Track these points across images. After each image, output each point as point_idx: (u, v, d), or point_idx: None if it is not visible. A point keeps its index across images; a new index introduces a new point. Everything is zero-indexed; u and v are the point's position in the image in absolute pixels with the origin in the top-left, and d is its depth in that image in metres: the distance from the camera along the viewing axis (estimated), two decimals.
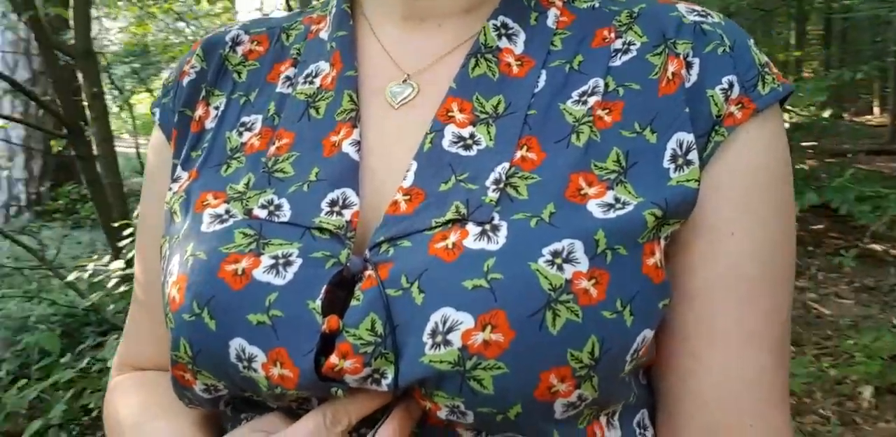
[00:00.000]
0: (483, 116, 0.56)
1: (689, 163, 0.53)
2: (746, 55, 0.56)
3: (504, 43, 0.59)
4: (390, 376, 0.48)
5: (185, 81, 0.66)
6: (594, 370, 0.48)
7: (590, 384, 0.49)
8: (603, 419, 0.55)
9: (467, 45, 0.60)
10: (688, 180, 0.53)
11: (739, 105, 0.55)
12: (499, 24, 0.59)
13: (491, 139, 0.55)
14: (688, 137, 0.54)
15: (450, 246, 0.50)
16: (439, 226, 0.51)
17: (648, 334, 0.51)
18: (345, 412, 0.51)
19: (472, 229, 0.50)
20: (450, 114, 0.57)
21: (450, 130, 0.56)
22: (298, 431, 0.51)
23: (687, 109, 0.54)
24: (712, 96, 0.55)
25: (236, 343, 0.51)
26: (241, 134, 0.62)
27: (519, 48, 0.59)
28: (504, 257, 0.49)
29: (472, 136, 0.55)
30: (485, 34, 0.59)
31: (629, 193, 0.52)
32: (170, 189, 0.63)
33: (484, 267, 0.48)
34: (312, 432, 0.51)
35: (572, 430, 0.52)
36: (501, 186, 0.52)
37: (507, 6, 0.60)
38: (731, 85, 0.55)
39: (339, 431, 0.51)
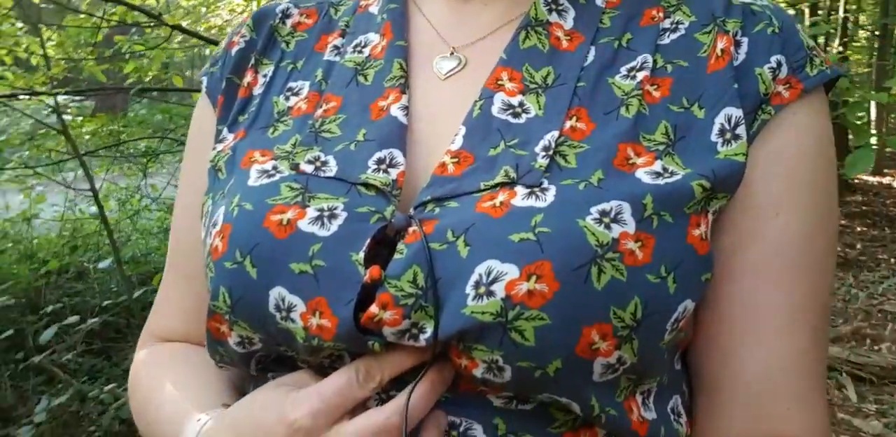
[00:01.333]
0: (532, 86, 0.57)
1: (736, 137, 0.54)
2: (795, 37, 0.57)
3: (554, 18, 0.60)
4: (429, 330, 0.48)
5: (234, 50, 0.67)
6: (635, 333, 0.48)
7: (630, 347, 0.48)
8: (639, 398, 0.54)
9: (514, 22, 0.61)
10: (735, 154, 0.53)
11: (787, 85, 0.56)
12: (549, 0, 0.61)
13: (540, 108, 0.56)
14: (736, 112, 0.54)
15: (497, 204, 0.50)
16: (488, 188, 0.52)
17: (690, 305, 0.51)
18: (378, 369, 0.50)
19: (521, 190, 0.51)
20: (499, 82, 0.57)
21: (499, 98, 0.57)
22: (328, 385, 0.51)
23: (736, 85, 0.55)
24: (760, 74, 0.56)
25: (276, 292, 0.51)
26: (287, 99, 0.63)
27: (568, 24, 0.60)
28: (552, 213, 0.49)
29: (521, 104, 0.56)
30: (535, 8, 0.60)
31: (677, 164, 0.53)
32: (214, 148, 0.64)
33: (532, 222, 0.48)
34: (343, 387, 0.50)
35: (610, 400, 0.51)
36: (551, 153, 0.53)
37: None
38: (779, 64, 0.56)
39: (371, 388, 0.50)
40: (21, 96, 3.30)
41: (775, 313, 0.56)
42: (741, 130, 0.54)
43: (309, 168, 0.56)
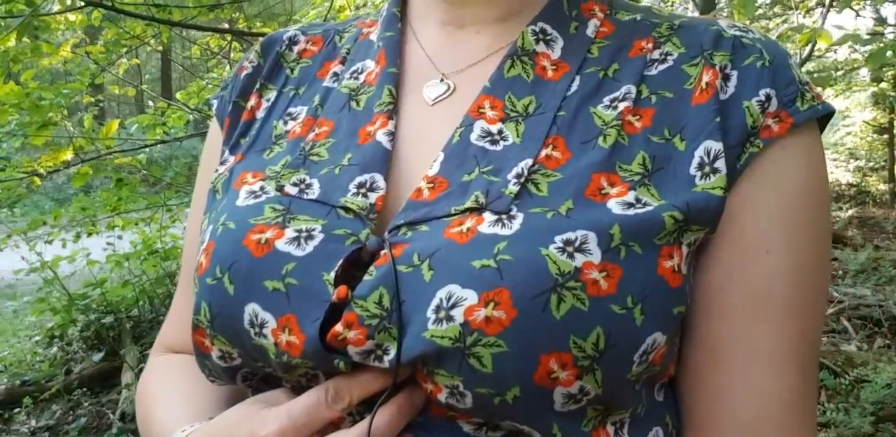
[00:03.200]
0: (513, 114, 0.58)
1: (715, 171, 0.53)
2: (786, 71, 0.56)
3: (541, 48, 0.61)
4: (393, 352, 0.49)
5: (243, 75, 0.70)
6: (598, 363, 0.48)
7: (592, 378, 0.48)
8: (611, 429, 0.53)
9: (503, 50, 0.62)
10: (713, 188, 0.53)
11: (777, 118, 0.55)
12: (537, 30, 0.61)
13: (518, 136, 0.56)
14: (716, 146, 0.54)
15: (464, 230, 0.51)
16: (458, 213, 0.53)
17: (660, 337, 0.50)
18: (347, 390, 0.51)
19: (489, 217, 0.51)
20: (481, 110, 0.58)
21: (479, 126, 0.58)
22: (297, 404, 0.52)
23: (718, 119, 0.54)
24: (748, 107, 0.55)
25: (250, 308, 0.52)
26: (286, 123, 0.65)
27: (556, 54, 0.61)
28: (516, 241, 0.49)
29: (500, 132, 0.57)
30: (523, 38, 0.61)
31: (652, 195, 0.52)
32: (216, 170, 0.67)
33: (494, 249, 0.49)
34: (312, 406, 0.51)
35: (576, 429, 0.51)
36: (522, 180, 0.53)
37: (547, 14, 0.62)
38: (768, 98, 0.55)
39: (340, 408, 0.51)
40: None
41: (766, 351, 0.54)
42: (720, 164, 0.53)
43: (293, 190, 0.58)
